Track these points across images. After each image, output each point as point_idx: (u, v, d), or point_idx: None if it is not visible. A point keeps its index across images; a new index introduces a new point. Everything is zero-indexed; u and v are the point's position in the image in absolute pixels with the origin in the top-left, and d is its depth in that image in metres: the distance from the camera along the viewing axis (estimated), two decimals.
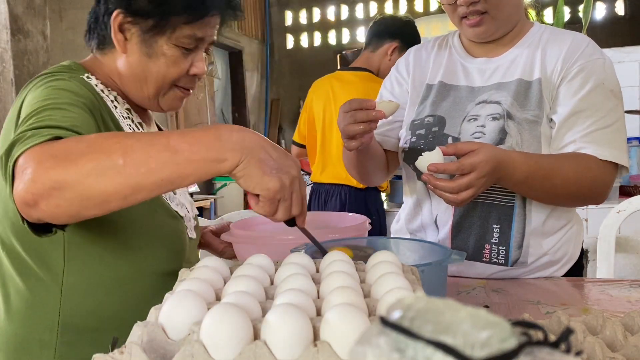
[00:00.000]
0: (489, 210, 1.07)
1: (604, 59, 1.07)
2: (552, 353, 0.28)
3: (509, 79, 1.09)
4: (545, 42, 1.10)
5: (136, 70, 0.93)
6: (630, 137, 2.76)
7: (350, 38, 6.55)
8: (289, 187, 0.68)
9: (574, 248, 1.14)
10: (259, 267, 0.63)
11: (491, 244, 1.08)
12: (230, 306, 0.45)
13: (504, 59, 1.12)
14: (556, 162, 1.00)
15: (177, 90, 0.97)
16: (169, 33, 0.90)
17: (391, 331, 0.28)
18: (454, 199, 0.91)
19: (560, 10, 3.13)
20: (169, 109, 1.00)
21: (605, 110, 1.03)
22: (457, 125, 1.10)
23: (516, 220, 1.06)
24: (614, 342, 0.57)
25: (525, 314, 0.67)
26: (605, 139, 1.01)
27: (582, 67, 1.04)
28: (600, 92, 1.03)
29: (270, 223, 1.26)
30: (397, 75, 1.26)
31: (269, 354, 0.42)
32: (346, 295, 0.49)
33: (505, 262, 1.08)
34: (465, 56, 1.16)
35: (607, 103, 1.03)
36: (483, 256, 1.08)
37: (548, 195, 1.03)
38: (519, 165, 0.95)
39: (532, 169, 0.96)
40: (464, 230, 1.09)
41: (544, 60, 1.08)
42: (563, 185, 1.00)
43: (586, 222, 2.33)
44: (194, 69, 0.95)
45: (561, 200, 1.06)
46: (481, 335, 0.27)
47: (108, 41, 0.93)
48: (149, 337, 0.47)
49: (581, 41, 1.08)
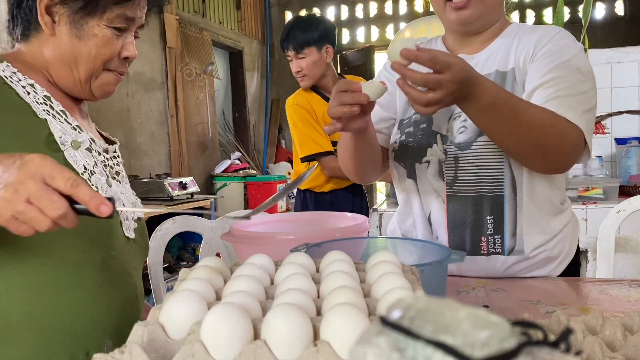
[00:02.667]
0: (481, 202, 1.09)
1: (574, 42, 1.08)
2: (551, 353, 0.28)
3: (488, 71, 1.10)
4: (521, 34, 1.12)
5: (66, 53, 0.90)
6: (631, 137, 2.76)
7: (350, 38, 6.55)
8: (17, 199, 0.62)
9: (571, 245, 1.15)
10: (259, 267, 0.63)
11: (487, 236, 1.09)
12: (230, 306, 0.45)
13: (483, 55, 1.13)
14: (526, 103, 0.97)
15: (110, 74, 0.94)
16: (99, 13, 0.88)
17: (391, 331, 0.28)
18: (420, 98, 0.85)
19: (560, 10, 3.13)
20: (102, 95, 0.96)
21: (568, 82, 1.01)
22: (444, 122, 1.12)
23: (507, 208, 1.08)
24: (613, 342, 0.57)
25: (525, 314, 0.67)
26: (568, 105, 0.98)
27: (549, 49, 1.05)
28: (565, 67, 1.02)
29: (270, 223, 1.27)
30: (387, 74, 1.26)
31: (269, 353, 0.42)
32: (346, 295, 0.49)
33: (502, 251, 1.09)
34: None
35: (572, 77, 1.01)
36: (481, 249, 1.10)
37: (512, 133, 0.96)
38: (489, 89, 0.91)
39: (501, 98, 0.92)
40: (459, 226, 1.10)
41: (517, 50, 1.09)
42: (528, 125, 0.94)
43: (586, 222, 2.33)
44: (125, 52, 0.93)
45: (524, 147, 0.98)
46: (481, 335, 0.27)
47: (34, 27, 0.90)
48: (149, 336, 0.47)
49: (552, 29, 1.10)
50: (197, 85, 5.05)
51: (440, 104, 0.86)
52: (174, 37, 4.65)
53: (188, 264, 4.07)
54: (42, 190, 0.62)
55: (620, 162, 2.70)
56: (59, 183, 0.63)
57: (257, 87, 6.40)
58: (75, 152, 0.89)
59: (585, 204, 2.35)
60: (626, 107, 2.80)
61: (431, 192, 1.13)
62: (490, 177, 1.08)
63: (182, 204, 3.79)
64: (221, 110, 5.84)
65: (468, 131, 1.08)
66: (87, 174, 0.90)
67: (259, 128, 6.40)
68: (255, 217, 1.19)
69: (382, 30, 6.43)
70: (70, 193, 0.63)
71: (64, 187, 0.63)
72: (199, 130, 5.09)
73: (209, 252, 1.55)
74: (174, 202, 3.76)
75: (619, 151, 2.72)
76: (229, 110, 6.06)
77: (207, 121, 5.22)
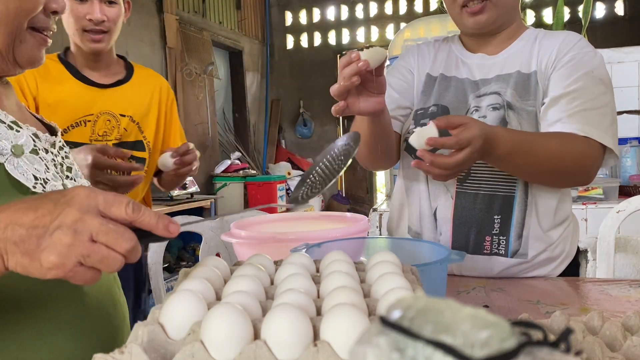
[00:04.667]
0: (492, 201, 1.08)
1: (595, 52, 1.09)
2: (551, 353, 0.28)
3: (508, 71, 1.11)
4: (541, 38, 1.13)
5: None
6: (631, 137, 2.76)
7: (350, 38, 6.55)
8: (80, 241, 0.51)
9: (571, 245, 1.15)
10: (259, 267, 0.63)
11: (492, 235, 1.09)
12: (230, 306, 0.45)
13: (501, 56, 1.14)
14: (541, 137, 1.01)
15: (35, 35, 0.75)
16: None
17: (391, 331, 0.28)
18: (447, 174, 0.89)
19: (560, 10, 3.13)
20: (28, 63, 0.77)
21: (592, 94, 1.04)
22: None
23: (516, 210, 1.08)
24: (613, 342, 0.57)
25: (525, 314, 0.67)
26: (591, 120, 1.01)
27: (572, 57, 1.07)
28: (589, 78, 1.05)
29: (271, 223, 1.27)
30: (404, 63, 1.26)
31: (269, 354, 0.42)
32: (346, 295, 0.49)
33: (506, 253, 1.08)
34: (465, 52, 1.19)
35: (595, 89, 1.04)
36: (484, 248, 1.09)
37: (532, 170, 1.01)
38: (503, 140, 0.94)
39: (516, 143, 0.95)
40: (465, 223, 1.10)
41: (539, 54, 1.10)
42: (547, 160, 0.98)
43: (586, 222, 2.33)
44: (53, 5, 0.75)
45: (546, 177, 1.04)
46: (481, 335, 0.27)
47: None
48: (149, 336, 0.47)
49: (574, 36, 1.11)
50: (197, 85, 5.05)
51: (463, 170, 0.92)
52: (174, 37, 4.65)
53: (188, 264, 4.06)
54: (105, 223, 0.52)
55: (620, 162, 2.70)
56: (118, 211, 0.54)
57: (257, 87, 6.40)
58: (18, 160, 0.72)
59: (585, 204, 2.35)
60: (626, 107, 2.80)
61: (440, 186, 1.13)
62: (504, 176, 1.08)
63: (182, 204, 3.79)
64: (221, 110, 5.84)
65: None
66: (40, 184, 0.74)
67: (259, 128, 6.39)
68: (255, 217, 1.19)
69: (382, 30, 6.43)
70: (133, 219, 0.54)
71: (125, 214, 0.54)
72: (199, 130, 5.09)
73: (209, 252, 1.55)
74: (174, 202, 3.77)
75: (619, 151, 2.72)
76: (229, 110, 6.06)
77: (207, 121, 5.22)
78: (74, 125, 1.44)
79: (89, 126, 1.45)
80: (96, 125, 1.46)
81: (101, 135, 1.47)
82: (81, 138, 1.43)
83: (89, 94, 1.46)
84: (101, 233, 0.52)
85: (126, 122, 1.51)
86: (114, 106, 1.50)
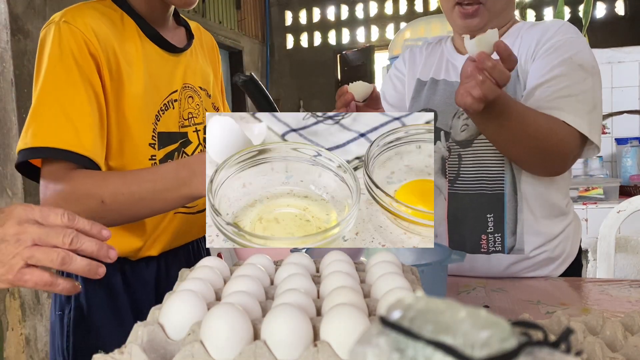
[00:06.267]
0: (480, 200, 1.09)
1: (577, 36, 1.06)
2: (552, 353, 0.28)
3: None
4: (523, 32, 1.10)
5: None
6: (631, 137, 2.76)
7: (350, 38, 6.55)
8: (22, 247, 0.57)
9: (572, 246, 1.15)
10: (259, 267, 0.63)
11: (487, 234, 1.09)
12: (230, 306, 0.45)
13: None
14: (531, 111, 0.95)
15: None
16: None
17: (391, 331, 0.28)
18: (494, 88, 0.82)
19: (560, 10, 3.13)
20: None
21: (570, 81, 1.00)
22: (448, 120, 1.12)
23: (507, 206, 1.08)
24: (614, 342, 0.57)
25: (525, 314, 0.67)
26: (569, 107, 0.98)
27: (552, 45, 1.04)
28: (567, 64, 1.01)
29: None
30: (397, 72, 1.30)
31: (269, 354, 0.42)
32: (346, 295, 0.49)
33: (503, 250, 1.09)
34: (456, 55, 1.18)
35: (574, 75, 1.00)
36: (481, 247, 1.10)
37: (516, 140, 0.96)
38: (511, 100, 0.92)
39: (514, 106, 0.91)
40: (460, 224, 1.11)
41: (520, 47, 1.08)
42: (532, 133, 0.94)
43: (586, 222, 2.33)
44: None
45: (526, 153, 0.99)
46: (481, 335, 0.27)
47: None
48: (149, 337, 0.47)
49: (555, 23, 1.08)
50: None
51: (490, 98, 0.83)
52: None
53: None
54: (44, 228, 0.58)
55: (620, 162, 2.70)
56: (55, 219, 0.59)
57: None
58: None
59: (586, 204, 2.35)
60: (626, 107, 2.80)
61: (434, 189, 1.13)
62: (491, 175, 1.08)
63: None
64: None
65: (469, 129, 1.09)
66: None
67: None
68: None
69: (382, 30, 6.43)
70: (69, 225, 0.59)
71: (60, 222, 0.59)
72: None
73: None
74: None
75: (619, 151, 2.72)
76: None
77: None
78: (163, 109, 1.01)
79: (176, 108, 1.04)
80: (182, 104, 1.05)
81: (186, 119, 1.06)
82: (171, 126, 1.02)
83: (170, 62, 1.04)
84: (41, 235, 0.57)
85: (205, 97, 1.12)
86: (192, 76, 1.09)
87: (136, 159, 0.96)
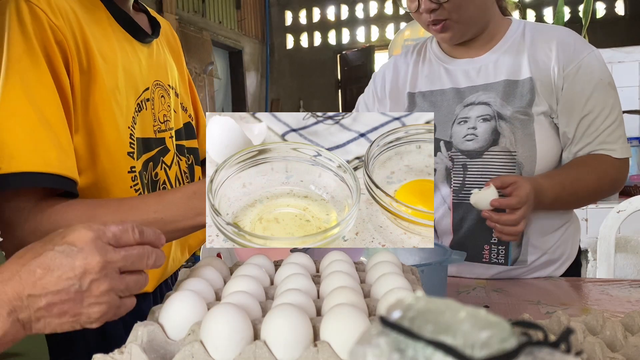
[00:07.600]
0: None
1: (593, 50, 1.09)
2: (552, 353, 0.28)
3: (495, 80, 1.08)
4: (531, 37, 1.09)
5: None
6: (630, 137, 2.76)
7: (350, 38, 6.55)
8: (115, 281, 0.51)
9: (572, 247, 1.14)
10: (259, 267, 0.63)
11: (490, 245, 1.08)
12: (230, 306, 0.45)
13: (487, 59, 1.10)
14: (577, 175, 1.04)
15: None
16: None
17: (391, 331, 0.28)
18: (515, 231, 0.93)
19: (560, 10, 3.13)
20: None
21: (609, 107, 1.06)
22: (447, 129, 1.09)
23: None
24: (614, 342, 0.57)
25: (525, 314, 0.67)
26: (616, 137, 1.06)
27: (579, 66, 1.05)
28: (602, 89, 1.05)
29: None
30: (374, 88, 1.24)
31: (269, 354, 0.42)
32: (346, 295, 0.49)
33: (505, 262, 1.08)
34: (447, 59, 1.14)
35: (609, 99, 1.06)
36: (483, 257, 1.08)
37: (575, 205, 1.14)
38: (547, 192, 0.98)
39: (558, 191, 1.01)
40: (464, 233, 1.09)
41: (533, 58, 1.07)
42: (587, 195, 1.07)
43: (586, 222, 2.33)
44: None
45: (584, 204, 1.19)
46: (481, 335, 0.27)
47: None
48: (149, 337, 0.47)
49: (568, 36, 1.08)
50: (197, 85, 5.05)
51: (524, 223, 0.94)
52: None
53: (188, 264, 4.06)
54: (123, 251, 0.51)
55: None
56: (128, 238, 0.52)
57: (257, 87, 6.40)
58: None
59: None
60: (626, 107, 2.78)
61: (437, 199, 1.12)
62: None
63: None
64: (221, 109, 5.85)
65: (479, 140, 1.06)
66: None
67: None
68: None
69: (382, 30, 6.43)
70: (140, 241, 0.54)
71: (133, 239, 0.53)
72: None
73: (209, 252, 1.55)
74: None
75: None
76: (228, 109, 6.07)
77: None
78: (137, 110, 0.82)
79: (149, 109, 0.85)
80: (155, 105, 0.87)
81: (162, 122, 0.89)
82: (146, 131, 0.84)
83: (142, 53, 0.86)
84: (127, 264, 0.51)
85: (173, 96, 0.94)
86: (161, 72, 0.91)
87: (112, 172, 0.76)
